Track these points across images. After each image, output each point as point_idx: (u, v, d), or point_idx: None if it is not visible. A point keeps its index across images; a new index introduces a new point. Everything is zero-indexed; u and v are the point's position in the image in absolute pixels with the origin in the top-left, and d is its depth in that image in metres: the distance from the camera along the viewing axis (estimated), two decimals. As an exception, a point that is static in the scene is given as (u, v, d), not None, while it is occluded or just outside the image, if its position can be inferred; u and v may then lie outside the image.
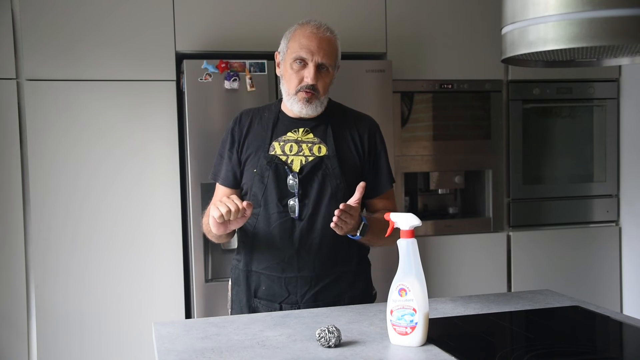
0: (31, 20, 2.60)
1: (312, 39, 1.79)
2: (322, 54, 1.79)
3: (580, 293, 3.11)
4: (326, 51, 1.80)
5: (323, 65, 1.80)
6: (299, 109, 1.82)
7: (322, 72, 1.81)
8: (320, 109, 1.85)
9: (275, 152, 1.84)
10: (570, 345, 1.43)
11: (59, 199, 2.64)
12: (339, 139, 1.87)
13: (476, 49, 3.10)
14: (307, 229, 1.81)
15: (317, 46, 1.79)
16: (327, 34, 1.82)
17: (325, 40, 1.80)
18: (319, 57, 1.79)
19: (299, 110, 1.83)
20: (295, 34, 1.83)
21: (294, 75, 1.81)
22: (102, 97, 2.68)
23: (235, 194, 1.91)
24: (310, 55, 1.79)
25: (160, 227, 2.74)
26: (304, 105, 1.81)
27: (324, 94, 1.84)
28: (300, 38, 1.81)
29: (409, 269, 1.42)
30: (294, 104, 1.83)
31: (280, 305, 1.83)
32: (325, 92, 1.84)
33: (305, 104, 1.81)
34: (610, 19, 1.21)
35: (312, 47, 1.79)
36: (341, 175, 1.84)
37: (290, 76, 1.82)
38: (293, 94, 1.82)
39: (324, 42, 1.80)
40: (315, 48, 1.79)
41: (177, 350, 1.41)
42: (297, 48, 1.80)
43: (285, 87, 1.85)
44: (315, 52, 1.79)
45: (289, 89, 1.83)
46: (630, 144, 3.29)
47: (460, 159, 3.13)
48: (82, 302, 2.66)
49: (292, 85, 1.82)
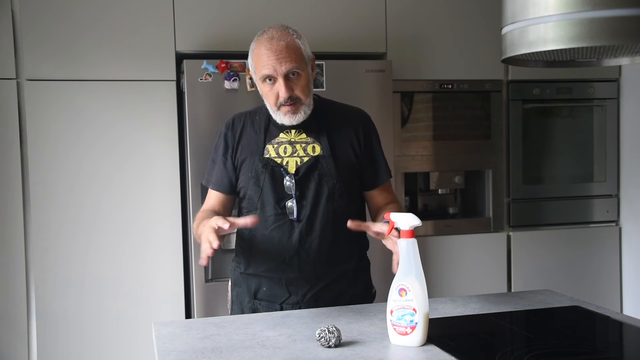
0: (31, 20, 2.60)
1: (269, 54, 1.74)
2: (284, 63, 1.74)
3: (580, 293, 3.11)
4: (288, 58, 1.75)
5: (291, 72, 1.76)
6: (287, 121, 1.81)
7: (294, 79, 1.77)
8: (308, 111, 1.83)
9: (270, 155, 1.83)
10: (570, 345, 1.43)
11: (58, 198, 2.64)
12: (333, 136, 1.86)
13: (476, 49, 3.10)
14: (306, 229, 1.81)
15: (276, 59, 1.74)
16: (282, 41, 1.75)
17: (282, 50, 1.75)
18: (283, 68, 1.74)
19: (288, 122, 1.82)
20: (254, 53, 1.80)
21: (269, 93, 1.79)
22: (102, 97, 2.68)
23: (228, 200, 1.92)
24: (274, 71, 1.75)
25: (160, 227, 2.74)
26: (290, 117, 1.80)
27: (306, 98, 1.80)
28: (260, 56, 1.77)
29: (409, 269, 1.42)
30: (281, 118, 1.82)
31: (281, 305, 1.83)
32: (306, 96, 1.80)
33: (291, 116, 1.80)
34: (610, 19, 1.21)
35: (272, 62, 1.74)
36: (337, 174, 1.83)
37: (267, 94, 1.80)
38: (276, 110, 1.81)
39: (282, 52, 1.74)
40: (275, 61, 1.74)
41: (177, 350, 1.41)
42: (260, 67, 1.77)
43: (267, 103, 1.84)
44: (277, 65, 1.74)
45: (270, 105, 1.82)
46: (630, 144, 3.29)
47: (460, 159, 3.13)
48: (82, 302, 2.66)
49: (272, 103, 1.80)
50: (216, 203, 1.91)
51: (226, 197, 1.91)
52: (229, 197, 1.92)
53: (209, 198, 1.94)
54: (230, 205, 1.94)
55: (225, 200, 1.92)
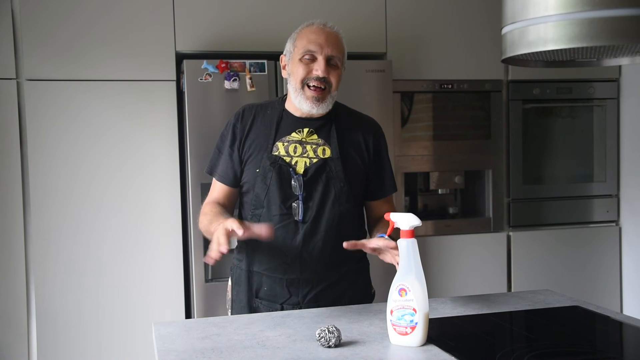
0: (31, 20, 2.60)
1: (320, 33, 1.79)
2: (331, 47, 1.78)
3: (580, 293, 3.11)
4: (335, 45, 1.80)
5: (332, 58, 1.79)
6: (308, 107, 1.79)
7: (332, 66, 1.80)
8: (330, 106, 1.83)
9: (279, 153, 1.82)
10: (570, 345, 1.43)
11: (59, 198, 2.64)
12: (343, 141, 1.85)
13: (476, 49, 3.10)
14: (310, 231, 1.80)
15: (325, 39, 1.78)
16: (334, 30, 1.83)
17: (333, 35, 1.81)
18: (329, 50, 1.78)
19: (308, 109, 1.79)
20: (301, 33, 1.83)
21: (301, 69, 1.78)
22: (102, 97, 2.68)
23: (232, 193, 1.90)
24: (319, 48, 1.78)
25: (160, 227, 2.74)
26: (313, 105, 1.78)
27: (335, 89, 1.82)
28: (308, 34, 1.80)
29: (409, 269, 1.42)
30: (302, 102, 1.79)
31: (281, 305, 1.83)
32: (336, 87, 1.82)
33: (314, 103, 1.78)
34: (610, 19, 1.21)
35: (321, 41, 1.78)
36: (345, 178, 1.82)
37: (298, 69, 1.79)
38: (300, 89, 1.78)
39: (332, 36, 1.80)
40: (324, 41, 1.78)
41: (177, 350, 1.41)
42: (305, 43, 1.79)
43: (293, 83, 1.81)
44: (324, 45, 1.78)
45: (295, 82, 1.79)
46: (630, 144, 3.29)
47: (460, 159, 3.13)
48: (82, 302, 2.66)
49: (298, 78, 1.78)
50: (221, 195, 1.89)
51: (230, 190, 1.89)
52: (233, 190, 1.90)
53: (214, 189, 1.92)
54: (234, 198, 1.92)
55: (229, 193, 1.89)
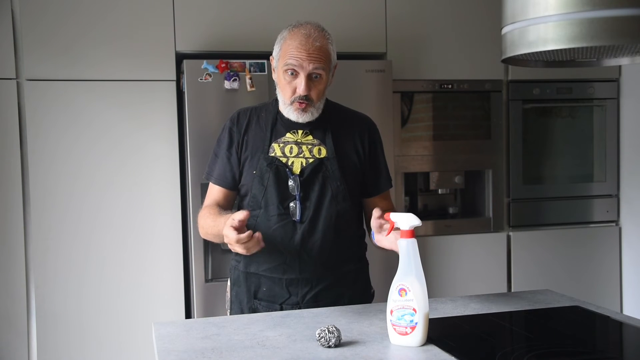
0: (31, 20, 2.60)
1: (301, 49, 1.76)
2: (312, 64, 1.76)
3: (580, 293, 3.11)
4: (317, 58, 1.77)
5: (315, 74, 1.78)
6: (295, 117, 1.83)
7: (315, 80, 1.79)
8: (316, 114, 1.84)
9: (275, 154, 1.83)
10: (570, 345, 1.43)
11: (59, 199, 2.64)
12: (339, 140, 1.87)
13: (476, 49, 3.10)
14: (308, 231, 1.81)
15: (306, 56, 1.76)
16: (317, 42, 1.77)
17: (315, 49, 1.77)
18: (310, 67, 1.76)
19: (295, 119, 1.83)
20: (285, 42, 1.81)
21: (287, 85, 1.80)
22: (102, 97, 2.68)
23: (230, 196, 1.91)
24: (300, 67, 1.77)
25: (160, 227, 2.74)
26: (299, 115, 1.81)
27: (318, 101, 1.83)
28: (290, 48, 1.78)
29: (409, 269, 1.42)
30: (289, 113, 1.83)
31: (281, 306, 1.83)
32: (319, 99, 1.82)
33: (300, 113, 1.81)
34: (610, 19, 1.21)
35: (302, 57, 1.76)
36: (341, 177, 1.84)
37: (284, 86, 1.81)
38: (289, 104, 1.82)
39: (313, 52, 1.77)
40: (305, 57, 1.76)
41: (177, 350, 1.41)
42: (287, 57, 1.78)
43: (281, 95, 1.85)
44: (305, 62, 1.76)
45: (284, 98, 1.83)
46: (630, 144, 3.29)
47: (460, 159, 3.13)
48: (82, 302, 2.66)
49: (286, 96, 1.81)
50: (219, 198, 1.90)
51: (228, 193, 1.90)
52: (231, 193, 1.91)
53: (211, 193, 1.92)
54: (232, 201, 1.93)
55: (227, 195, 1.90)
